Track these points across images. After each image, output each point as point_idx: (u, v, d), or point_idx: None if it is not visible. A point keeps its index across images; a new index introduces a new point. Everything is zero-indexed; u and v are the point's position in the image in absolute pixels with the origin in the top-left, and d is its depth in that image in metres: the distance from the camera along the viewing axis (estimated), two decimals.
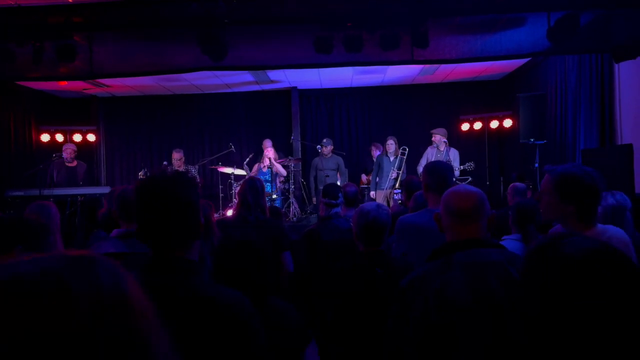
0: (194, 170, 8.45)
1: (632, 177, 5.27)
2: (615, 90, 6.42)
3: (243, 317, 1.35)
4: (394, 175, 7.74)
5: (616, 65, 6.17)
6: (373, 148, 8.91)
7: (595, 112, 6.59)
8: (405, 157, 7.85)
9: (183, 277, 1.38)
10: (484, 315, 1.49)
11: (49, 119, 9.70)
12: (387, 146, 7.98)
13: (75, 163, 8.12)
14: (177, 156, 8.36)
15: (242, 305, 1.36)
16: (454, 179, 7.06)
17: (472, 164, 7.67)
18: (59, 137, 9.38)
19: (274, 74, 8.95)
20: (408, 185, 4.41)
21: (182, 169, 8.26)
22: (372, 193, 7.84)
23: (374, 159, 8.34)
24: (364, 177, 9.22)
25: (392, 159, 7.90)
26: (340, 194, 3.80)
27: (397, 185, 7.61)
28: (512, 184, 4.99)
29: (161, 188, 1.39)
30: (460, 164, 7.74)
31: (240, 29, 5.40)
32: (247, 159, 8.35)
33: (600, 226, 2.15)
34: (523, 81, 9.16)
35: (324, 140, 8.58)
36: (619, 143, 6.26)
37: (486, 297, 1.51)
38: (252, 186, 3.63)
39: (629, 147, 5.41)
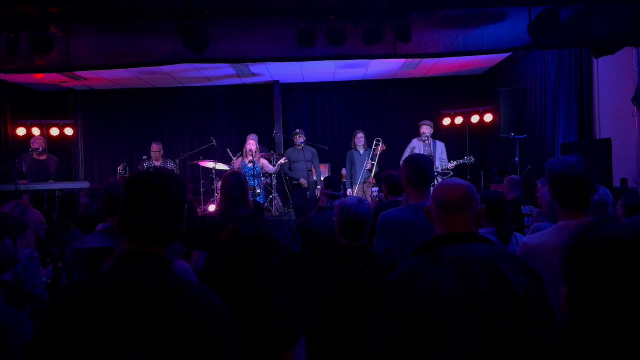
0: (172, 165, 8.36)
1: (611, 171, 5.35)
2: (594, 86, 6.50)
3: (225, 317, 1.36)
4: (369, 166, 7.77)
5: (595, 61, 6.25)
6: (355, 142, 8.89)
7: (575, 107, 6.67)
8: (379, 148, 7.87)
9: (165, 272, 1.37)
10: (473, 311, 1.48)
11: (25, 113, 9.48)
12: (357, 140, 8.02)
13: (45, 156, 7.96)
14: (155, 148, 8.27)
15: (223, 306, 1.38)
16: (436, 173, 7.12)
17: (471, 158, 7.70)
18: (36, 131, 9.16)
19: (255, 68, 8.88)
20: (387, 180, 4.40)
21: (160, 162, 8.18)
22: (349, 191, 7.79)
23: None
24: (344, 171, 9.19)
25: (362, 152, 7.94)
26: (342, 186, 3.73)
27: (372, 176, 7.62)
28: (509, 177, 5.17)
29: (158, 185, 1.39)
30: (459, 158, 7.76)
31: (221, 22, 5.32)
32: (233, 159, 8.16)
33: (591, 219, 2.15)
34: (504, 76, 9.23)
35: (298, 130, 8.39)
36: (598, 137, 6.36)
37: (475, 293, 1.50)
38: (239, 181, 3.58)
39: (608, 141, 5.50)
